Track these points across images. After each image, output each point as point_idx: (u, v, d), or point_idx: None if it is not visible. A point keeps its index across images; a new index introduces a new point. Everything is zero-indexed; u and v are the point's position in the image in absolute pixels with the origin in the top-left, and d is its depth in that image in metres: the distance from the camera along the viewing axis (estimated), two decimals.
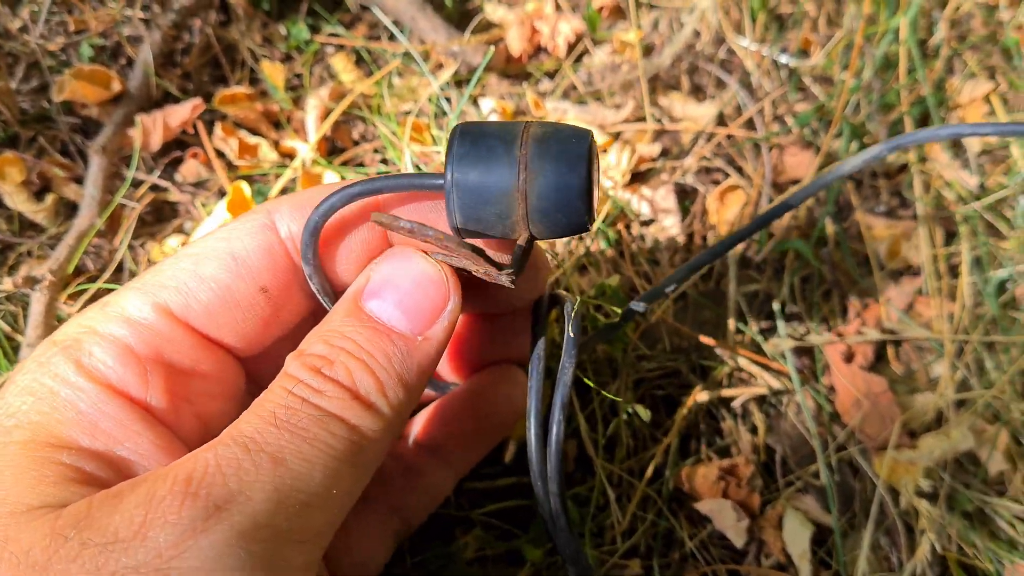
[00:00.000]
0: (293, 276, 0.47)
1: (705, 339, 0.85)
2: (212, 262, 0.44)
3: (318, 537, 0.38)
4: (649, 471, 0.78)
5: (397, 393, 0.41)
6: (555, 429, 0.50)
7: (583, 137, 0.41)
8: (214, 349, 0.46)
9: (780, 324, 0.87)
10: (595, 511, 0.76)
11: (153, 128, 0.88)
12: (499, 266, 0.43)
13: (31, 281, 0.77)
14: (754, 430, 0.84)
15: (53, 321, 0.77)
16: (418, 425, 0.57)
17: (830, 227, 0.93)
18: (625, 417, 0.79)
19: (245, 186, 0.83)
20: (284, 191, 0.89)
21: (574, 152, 0.40)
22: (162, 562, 0.32)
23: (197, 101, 0.89)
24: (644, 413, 0.72)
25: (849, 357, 0.87)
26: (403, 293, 0.43)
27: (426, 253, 0.44)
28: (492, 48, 0.89)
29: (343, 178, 0.87)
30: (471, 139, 0.41)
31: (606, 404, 0.80)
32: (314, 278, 0.46)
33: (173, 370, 0.44)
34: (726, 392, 0.83)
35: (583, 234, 0.44)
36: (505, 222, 0.41)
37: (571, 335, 0.52)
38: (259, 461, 0.35)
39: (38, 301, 0.77)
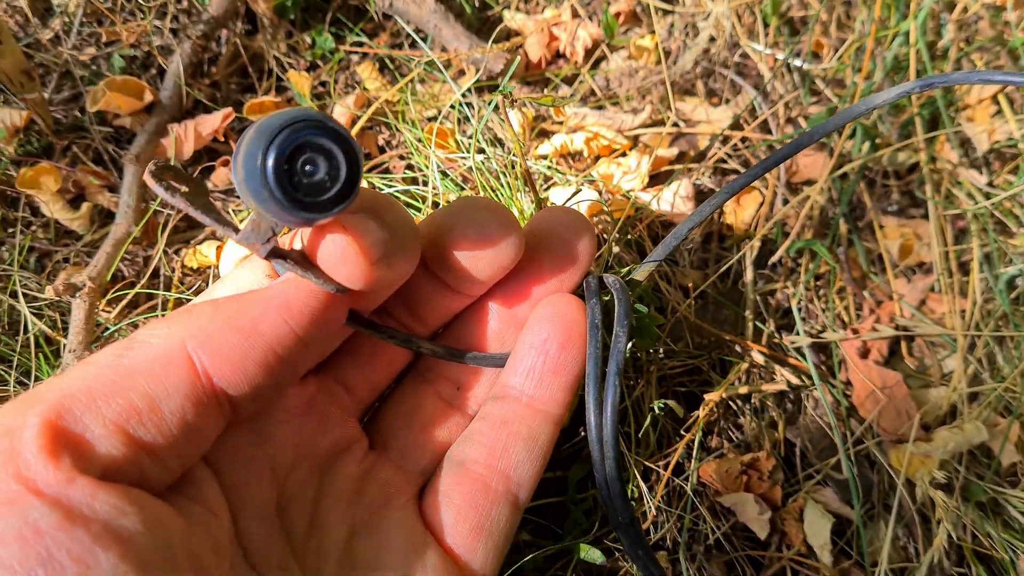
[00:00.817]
0: None
1: (725, 335, 0.87)
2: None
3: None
4: (672, 464, 0.80)
5: (202, 305, 0.40)
6: (611, 394, 0.52)
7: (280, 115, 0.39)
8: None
9: (798, 321, 0.90)
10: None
11: (185, 137, 0.90)
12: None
13: (72, 288, 0.79)
14: (773, 425, 0.87)
15: (93, 326, 0.79)
16: (497, 381, 0.56)
17: (843, 227, 0.96)
18: (652, 413, 0.81)
19: None
20: None
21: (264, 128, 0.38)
22: None
23: (227, 110, 0.91)
24: (677, 409, 0.74)
25: (865, 353, 0.90)
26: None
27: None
28: (517, 57, 0.91)
29: (372, 185, 0.89)
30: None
31: (633, 399, 0.83)
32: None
33: None
34: (746, 388, 0.85)
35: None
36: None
37: (622, 307, 0.54)
38: None
39: (79, 308, 0.79)
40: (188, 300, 0.86)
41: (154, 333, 0.37)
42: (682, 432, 0.84)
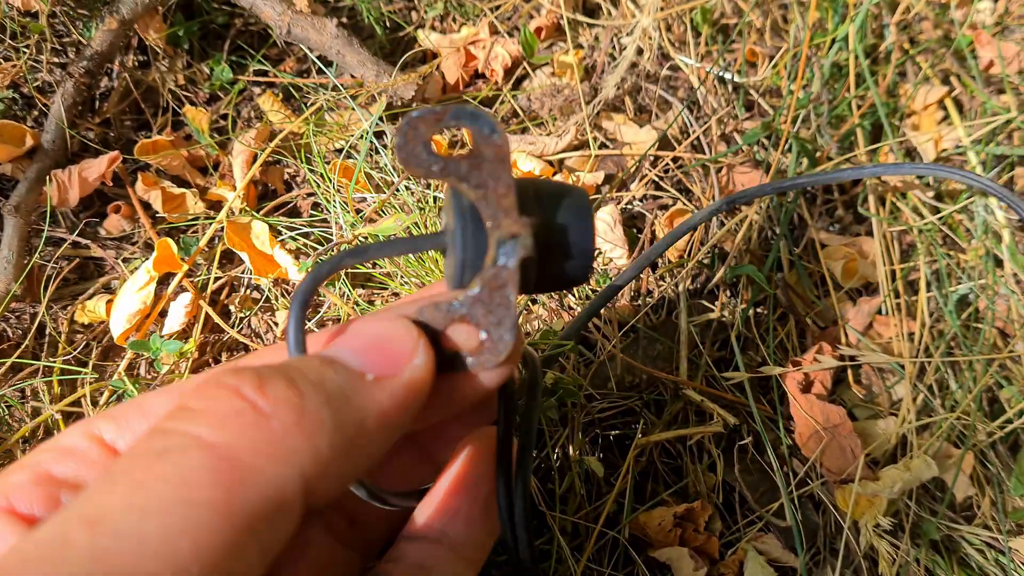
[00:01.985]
0: None
1: (657, 373, 0.82)
2: (158, 395, 0.42)
3: None
4: (602, 519, 0.75)
5: (320, 415, 0.33)
6: (521, 476, 0.46)
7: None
8: None
9: (737, 355, 0.84)
10: (556, 565, 0.73)
11: (69, 183, 0.84)
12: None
13: None
14: (712, 467, 0.81)
15: None
16: (411, 519, 0.51)
17: (784, 248, 0.90)
18: (578, 469, 0.76)
19: (171, 242, 0.80)
20: (212, 241, 0.85)
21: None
22: None
23: (114, 153, 0.85)
24: (597, 468, 0.69)
25: (807, 386, 0.84)
26: (362, 339, 0.38)
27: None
28: (420, 83, 0.85)
29: (272, 228, 0.83)
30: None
31: (558, 452, 0.77)
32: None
33: None
34: (682, 431, 0.80)
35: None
36: None
37: (535, 390, 0.49)
38: (68, 526, 0.28)
39: None
40: (77, 360, 0.79)
41: (268, 450, 0.31)
42: (613, 481, 0.79)
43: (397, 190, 0.83)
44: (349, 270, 0.84)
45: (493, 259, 0.38)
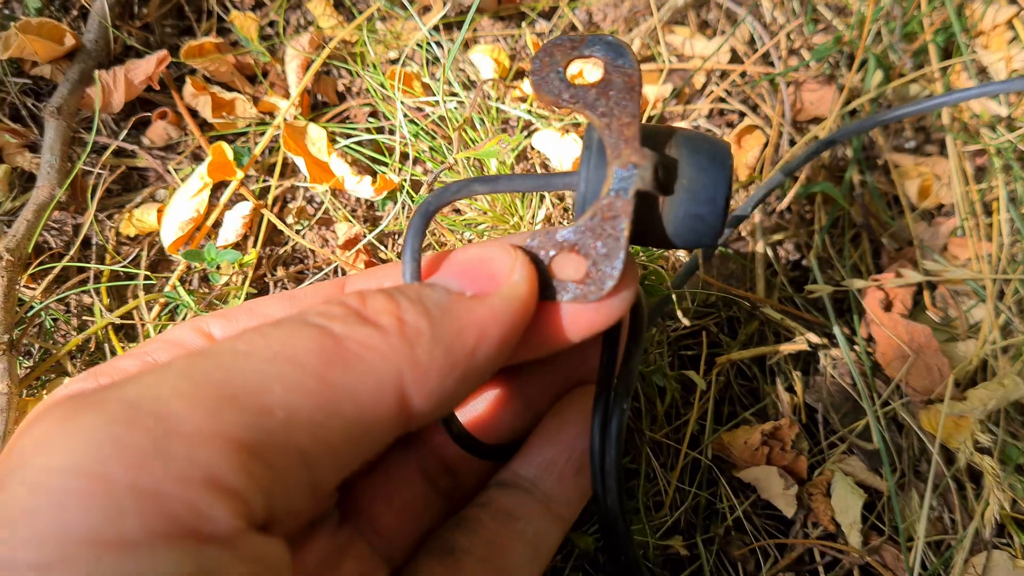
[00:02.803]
0: None
1: (734, 291, 0.78)
2: (269, 300, 0.44)
3: (248, 441, 0.27)
4: (687, 438, 0.72)
5: (418, 324, 0.33)
6: (616, 420, 0.43)
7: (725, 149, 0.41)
8: None
9: (816, 270, 0.81)
10: (645, 483, 0.69)
11: (114, 86, 0.78)
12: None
13: None
14: (790, 389, 0.78)
15: (14, 305, 0.68)
16: (505, 468, 0.49)
17: (856, 168, 0.87)
18: (670, 385, 0.72)
19: (227, 146, 0.75)
20: (269, 151, 0.81)
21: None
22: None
23: (163, 53, 0.79)
24: (699, 380, 0.65)
25: (888, 305, 0.81)
26: (462, 263, 0.38)
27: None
28: None
29: (331, 134, 0.79)
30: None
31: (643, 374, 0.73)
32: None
33: None
34: (765, 348, 0.76)
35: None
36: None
37: (635, 321, 0.46)
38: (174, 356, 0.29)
39: None
40: (125, 273, 0.75)
41: (368, 342, 0.31)
42: (691, 400, 0.75)
43: (460, 101, 0.79)
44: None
45: (609, 188, 0.37)
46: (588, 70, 0.79)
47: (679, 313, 0.74)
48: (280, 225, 0.75)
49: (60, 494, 0.24)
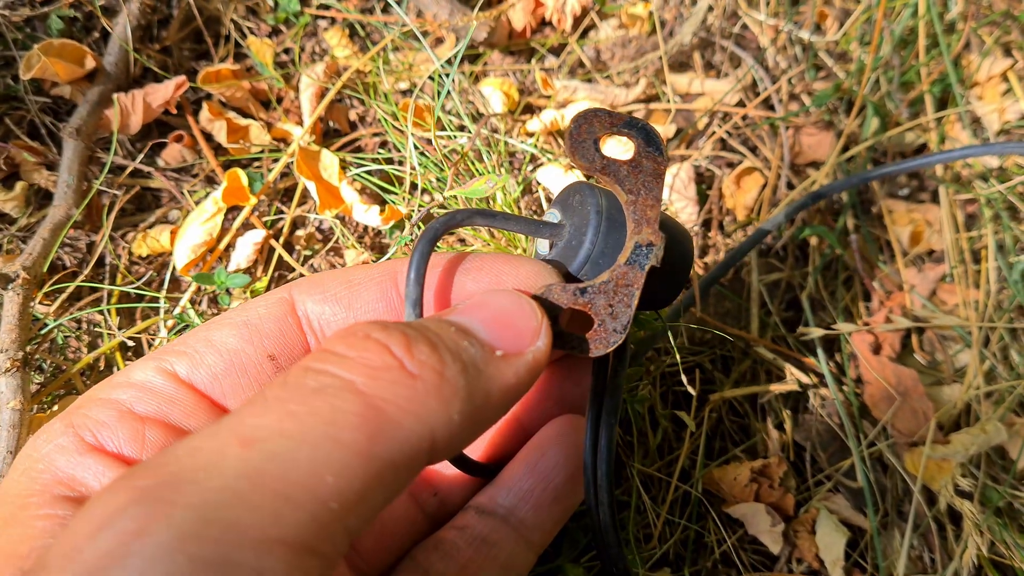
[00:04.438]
0: (303, 352, 0.45)
1: (729, 330, 0.81)
2: (224, 328, 0.43)
3: (306, 541, 0.29)
4: (677, 472, 0.74)
5: (456, 380, 0.34)
6: (605, 434, 0.46)
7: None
8: (219, 412, 0.43)
9: (807, 312, 0.83)
10: (635, 516, 0.72)
11: (132, 108, 0.80)
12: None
13: (3, 279, 0.70)
14: (780, 427, 0.80)
15: (29, 322, 0.70)
16: (483, 492, 0.51)
17: (851, 212, 0.89)
18: (651, 417, 0.74)
19: (241, 173, 0.77)
20: (282, 176, 0.83)
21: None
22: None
23: (181, 78, 0.81)
24: (689, 421, 0.67)
25: (876, 348, 0.84)
26: (491, 312, 0.39)
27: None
28: (494, 23, 0.82)
29: (343, 161, 0.81)
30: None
31: (629, 404, 0.75)
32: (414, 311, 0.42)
33: (175, 431, 0.42)
34: (756, 388, 0.79)
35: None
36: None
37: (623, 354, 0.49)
38: (223, 440, 0.30)
39: (12, 301, 0.69)
40: (137, 294, 0.77)
41: (409, 406, 0.32)
42: (683, 436, 0.77)
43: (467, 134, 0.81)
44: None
45: (627, 259, 0.42)
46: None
47: (673, 345, 0.77)
48: (288, 259, 0.77)
49: None
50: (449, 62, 0.89)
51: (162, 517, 0.27)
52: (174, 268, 0.77)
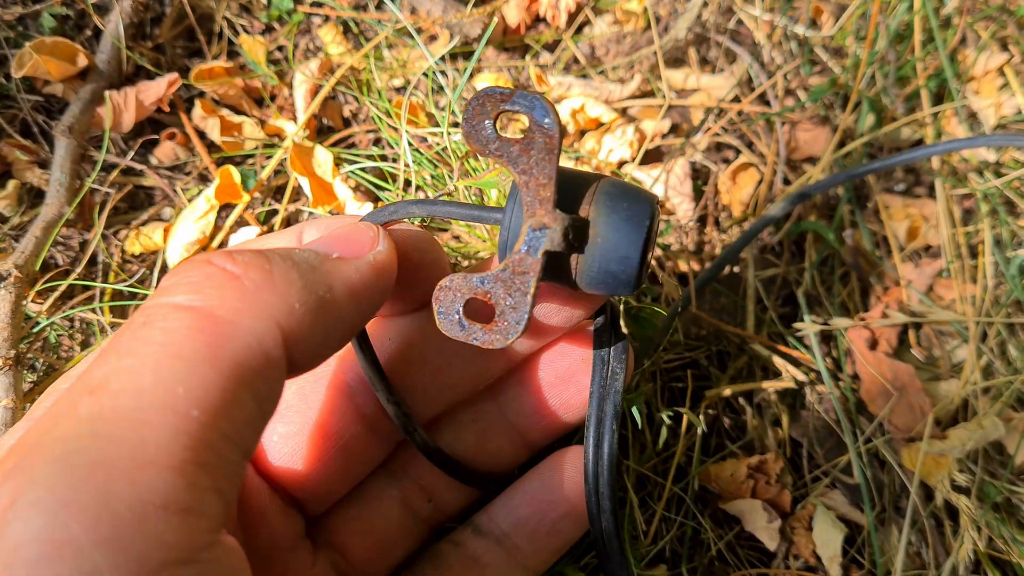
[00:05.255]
0: None
1: (725, 326, 0.80)
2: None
3: (178, 454, 0.29)
4: (673, 470, 0.73)
5: (288, 274, 0.35)
6: (607, 439, 0.45)
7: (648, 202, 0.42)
8: None
9: (804, 309, 0.83)
10: (627, 513, 0.71)
11: (125, 106, 0.80)
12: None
13: None
14: (776, 423, 0.80)
15: (21, 320, 0.70)
16: (485, 510, 0.51)
17: (847, 207, 0.89)
18: (646, 413, 0.74)
19: (234, 170, 0.76)
20: (275, 174, 0.82)
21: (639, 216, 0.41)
22: None
23: (173, 76, 0.81)
24: (696, 421, 0.67)
25: (873, 344, 0.83)
26: (327, 235, 0.41)
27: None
28: (494, 20, 0.82)
29: (337, 157, 0.80)
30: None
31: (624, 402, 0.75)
32: None
33: None
34: (753, 384, 0.78)
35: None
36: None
37: (621, 340, 0.48)
38: (73, 396, 0.30)
39: (4, 299, 0.69)
40: (130, 292, 0.76)
41: (239, 304, 0.33)
42: (679, 432, 0.77)
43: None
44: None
45: (521, 244, 0.39)
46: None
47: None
48: None
49: (33, 566, 0.25)
50: (444, 59, 0.88)
51: (26, 481, 0.27)
52: (167, 266, 0.77)
